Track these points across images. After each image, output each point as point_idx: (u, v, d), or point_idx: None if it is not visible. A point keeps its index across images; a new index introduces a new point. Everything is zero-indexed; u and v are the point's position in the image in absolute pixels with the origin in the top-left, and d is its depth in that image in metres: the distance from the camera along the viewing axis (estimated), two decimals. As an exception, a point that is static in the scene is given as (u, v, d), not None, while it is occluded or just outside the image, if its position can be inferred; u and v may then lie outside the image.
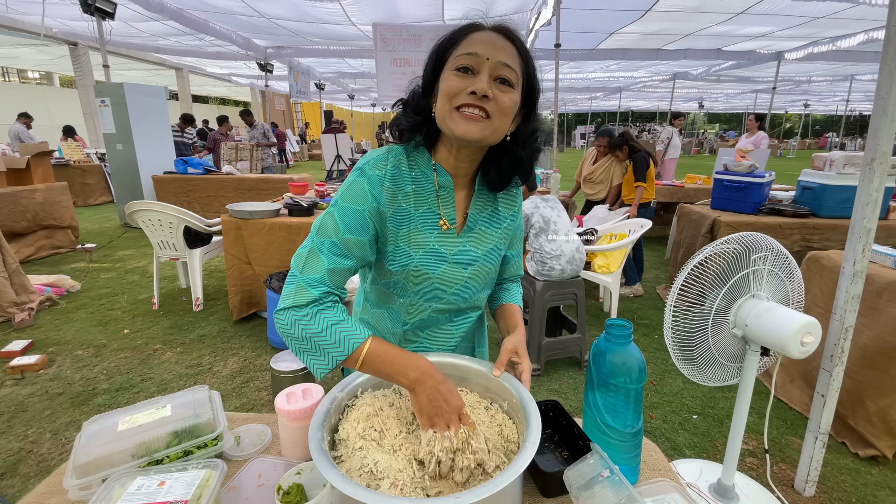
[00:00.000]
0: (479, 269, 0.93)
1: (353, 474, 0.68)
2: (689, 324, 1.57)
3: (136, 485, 0.73)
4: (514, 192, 0.99)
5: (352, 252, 0.82)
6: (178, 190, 6.39)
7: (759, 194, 3.74)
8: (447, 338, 0.99)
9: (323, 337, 0.75)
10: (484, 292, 0.99)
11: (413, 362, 0.76)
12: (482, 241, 0.93)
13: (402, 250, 0.86)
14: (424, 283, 0.89)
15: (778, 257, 1.63)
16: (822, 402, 1.83)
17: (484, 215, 0.94)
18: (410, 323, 0.94)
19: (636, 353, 0.84)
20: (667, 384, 2.75)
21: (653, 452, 0.95)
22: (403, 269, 0.87)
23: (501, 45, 0.77)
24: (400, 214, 0.86)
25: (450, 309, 0.95)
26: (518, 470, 0.63)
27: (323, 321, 0.76)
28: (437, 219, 0.88)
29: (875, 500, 1.90)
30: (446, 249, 0.89)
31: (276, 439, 0.97)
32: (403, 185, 0.85)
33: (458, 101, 0.76)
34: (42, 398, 2.47)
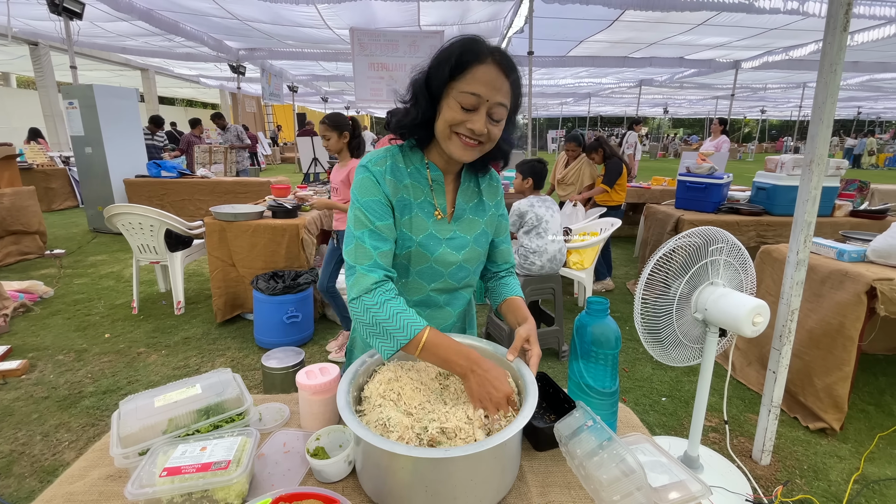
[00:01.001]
0: (470, 251, 1.08)
1: (371, 425, 0.80)
2: (656, 309, 1.74)
3: (181, 450, 0.82)
4: (495, 186, 1.15)
5: (387, 235, 0.97)
6: (151, 194, 6.27)
7: (718, 194, 4.02)
8: (446, 317, 1.13)
9: (390, 323, 0.88)
10: (475, 273, 1.13)
11: (464, 352, 0.88)
12: (471, 228, 1.08)
13: (405, 234, 1.01)
14: (424, 264, 1.03)
15: (733, 249, 1.82)
16: (773, 378, 2.04)
17: (471, 205, 1.09)
18: (411, 301, 1.08)
19: (612, 324, 0.98)
20: (638, 371, 2.95)
21: (627, 413, 1.10)
22: (406, 251, 1.02)
23: (500, 85, 0.89)
24: (402, 203, 1.01)
25: (446, 288, 1.09)
26: (515, 429, 0.76)
27: (390, 309, 0.89)
28: (433, 209, 1.04)
29: (825, 466, 2.12)
30: (441, 234, 1.04)
31: (294, 416, 1.07)
32: (402, 179, 1.00)
33: (457, 129, 0.92)
34: (28, 402, 2.45)
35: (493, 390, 0.84)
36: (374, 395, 0.86)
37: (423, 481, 0.74)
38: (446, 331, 1.13)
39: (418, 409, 0.86)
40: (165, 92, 20.15)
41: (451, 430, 0.79)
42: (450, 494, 0.74)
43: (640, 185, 5.91)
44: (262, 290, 3.00)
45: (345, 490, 0.84)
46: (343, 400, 0.80)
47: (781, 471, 2.10)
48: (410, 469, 0.74)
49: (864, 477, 2.05)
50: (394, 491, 0.76)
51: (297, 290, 3.06)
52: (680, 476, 0.81)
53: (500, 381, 0.85)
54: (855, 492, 1.96)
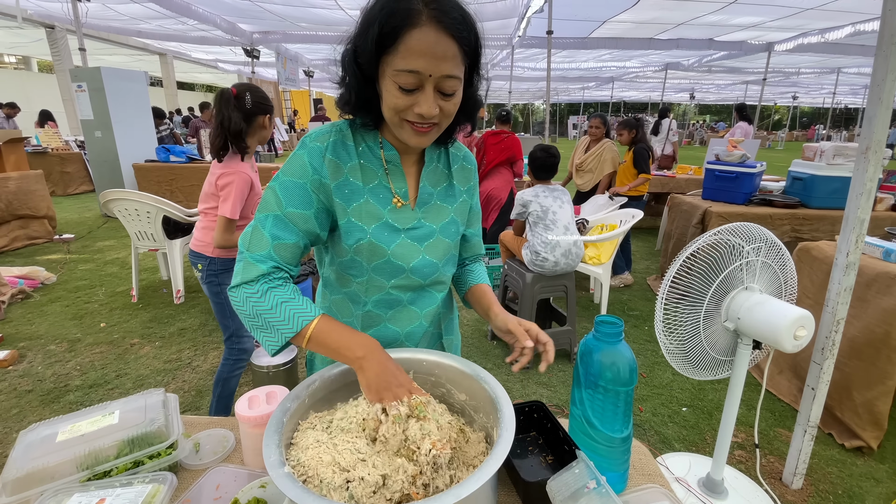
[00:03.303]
0: (435, 242, 0.89)
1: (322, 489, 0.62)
2: (680, 317, 1.52)
3: (75, 501, 0.65)
4: (469, 168, 0.96)
5: (297, 225, 0.81)
6: (161, 179, 6.22)
7: (749, 185, 3.71)
8: (411, 318, 0.93)
9: (273, 314, 0.76)
10: (446, 268, 0.94)
11: (360, 339, 0.77)
12: (438, 216, 0.90)
13: (355, 224, 0.83)
14: (380, 259, 0.85)
15: (772, 248, 1.58)
16: (811, 396, 1.81)
17: (439, 190, 0.91)
18: (370, 302, 0.90)
19: (627, 353, 0.78)
20: (656, 376, 2.72)
21: (642, 455, 0.89)
22: (357, 244, 0.84)
23: (443, 52, 0.69)
24: (347, 188, 0.83)
25: (411, 286, 0.90)
26: (486, 475, 0.57)
27: (273, 299, 0.77)
28: (390, 195, 0.86)
29: (860, 490, 1.90)
30: (400, 224, 0.86)
31: (240, 445, 0.90)
32: (348, 159, 0.83)
33: (404, 115, 0.74)
34: (10, 396, 2.37)
35: (392, 379, 0.73)
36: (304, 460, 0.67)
37: None
38: (416, 336, 0.95)
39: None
40: (184, 77, 20.24)
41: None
42: None
43: (663, 174, 5.58)
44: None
45: (277, 558, 0.67)
46: (273, 456, 0.61)
47: (814, 495, 1.88)
48: None
49: (909, 506, 1.81)
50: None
51: (297, 281, 2.91)
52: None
53: (400, 372, 0.75)
54: (899, 523, 1.73)
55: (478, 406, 0.80)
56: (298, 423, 0.74)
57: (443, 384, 0.85)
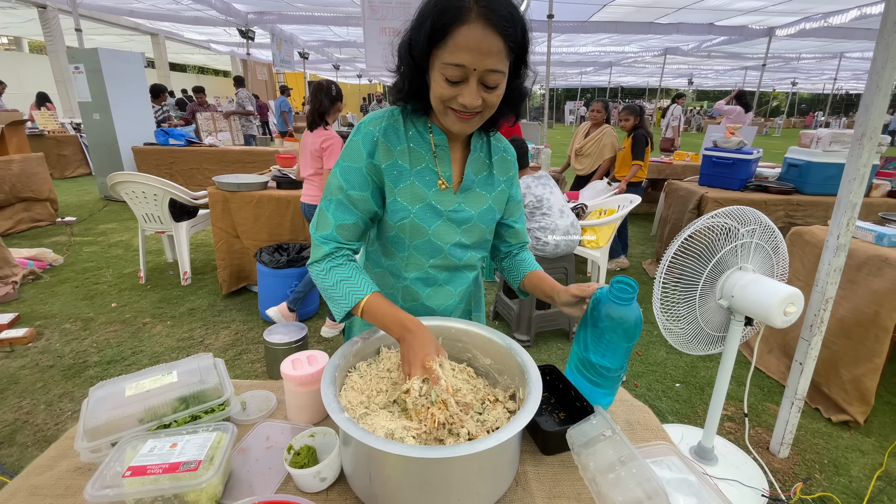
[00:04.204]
0: (472, 227, 0.97)
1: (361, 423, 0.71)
2: (677, 296, 1.61)
3: (149, 447, 0.74)
4: (508, 160, 1.02)
5: (357, 207, 0.89)
6: (160, 162, 6.21)
7: (746, 171, 3.79)
8: (446, 297, 1.02)
9: (334, 290, 0.87)
10: (478, 252, 1.02)
11: (402, 318, 0.84)
12: (477, 202, 0.97)
13: (400, 204, 0.91)
14: (421, 238, 0.93)
15: (766, 231, 1.67)
16: (799, 370, 1.92)
17: (480, 178, 0.97)
18: (409, 278, 0.99)
19: (636, 312, 0.85)
20: (651, 354, 2.84)
21: (645, 413, 0.99)
22: (401, 223, 0.92)
23: (488, 47, 0.74)
24: (396, 169, 0.90)
25: (447, 266, 0.98)
26: (515, 429, 0.66)
27: (334, 276, 0.88)
28: (436, 178, 0.93)
29: (846, 461, 2.02)
30: (442, 206, 0.93)
31: (282, 405, 0.99)
32: (398, 142, 0.90)
33: (449, 104, 0.81)
34: (33, 370, 2.45)
35: (411, 356, 0.80)
36: (354, 405, 0.78)
37: (416, 479, 0.66)
38: (449, 311, 1.04)
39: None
40: (176, 58, 19.89)
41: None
42: (443, 492, 0.66)
43: (661, 160, 5.65)
44: (265, 262, 2.93)
45: (329, 495, 0.76)
46: (330, 397, 0.70)
47: (800, 464, 2.01)
48: (402, 468, 0.66)
49: (888, 474, 1.94)
50: (386, 492, 0.68)
51: (301, 264, 2.98)
52: (711, 501, 0.71)
53: (420, 346, 0.81)
54: (878, 489, 1.86)
55: (502, 370, 0.89)
56: (348, 372, 0.85)
57: (469, 350, 0.94)
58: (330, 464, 0.75)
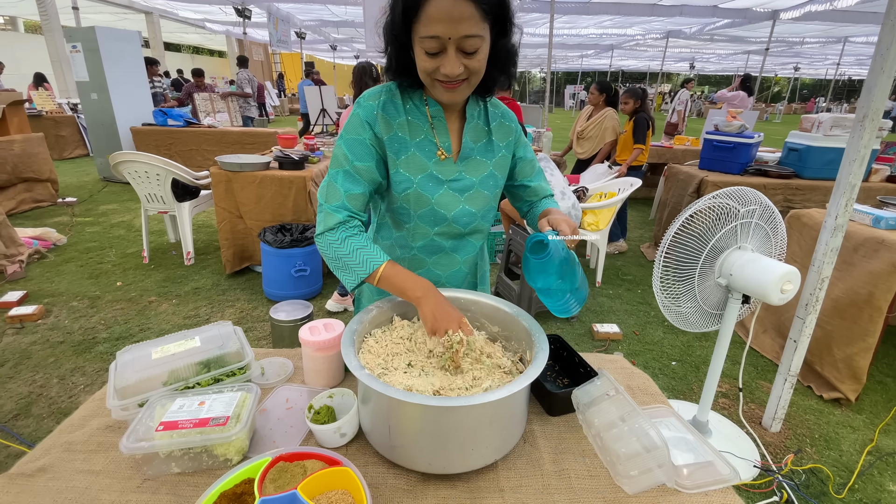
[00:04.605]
0: (475, 194, 1.00)
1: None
2: (677, 272, 1.66)
3: (178, 404, 0.78)
4: (506, 125, 1.04)
5: (363, 177, 0.92)
6: (159, 143, 6.17)
7: (746, 155, 3.81)
8: (452, 264, 1.06)
9: (350, 258, 0.89)
10: (484, 219, 1.05)
11: (419, 282, 0.88)
12: (477, 169, 1.00)
13: (402, 175, 0.95)
14: (424, 207, 0.97)
15: (765, 212, 1.71)
16: (793, 347, 1.98)
17: (479, 146, 1.00)
18: (415, 247, 1.02)
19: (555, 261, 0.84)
20: (648, 334, 2.90)
21: (645, 380, 1.04)
22: (405, 193, 0.95)
23: (459, 14, 0.75)
24: (397, 142, 0.93)
25: (452, 233, 1.02)
26: (526, 381, 0.70)
27: (350, 245, 0.89)
28: (435, 148, 0.96)
29: (836, 436, 2.09)
30: (443, 176, 0.97)
31: (298, 371, 1.03)
32: (397, 115, 0.93)
33: (435, 76, 0.83)
34: (44, 346, 2.50)
35: (441, 314, 0.84)
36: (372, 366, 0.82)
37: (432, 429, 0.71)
38: (455, 279, 1.09)
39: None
40: (170, 38, 19.55)
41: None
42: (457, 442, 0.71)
43: (661, 145, 5.65)
44: (269, 242, 2.96)
45: (348, 450, 0.81)
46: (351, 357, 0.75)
47: (791, 438, 2.08)
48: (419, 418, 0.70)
49: (878, 449, 2.02)
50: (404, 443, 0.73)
51: (304, 243, 3.01)
52: (707, 457, 0.76)
53: (450, 307, 0.86)
54: (868, 463, 1.94)
55: (510, 336, 0.94)
56: (364, 338, 0.89)
57: (478, 318, 0.98)
58: (350, 420, 0.79)
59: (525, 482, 0.75)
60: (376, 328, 0.92)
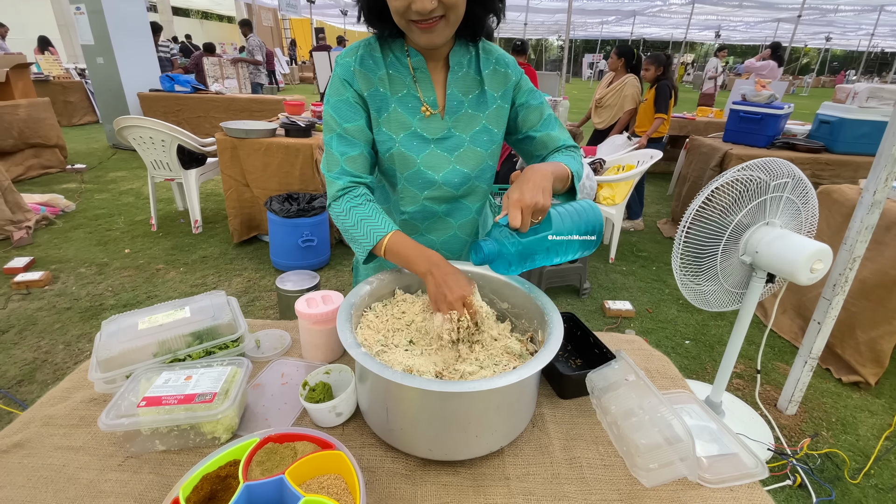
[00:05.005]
0: (466, 152, 0.91)
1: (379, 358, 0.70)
2: (698, 249, 1.56)
3: (163, 378, 0.73)
4: (501, 72, 0.92)
5: (356, 138, 0.86)
6: (167, 109, 6.08)
7: (774, 127, 3.61)
8: (446, 229, 0.99)
9: (355, 230, 0.84)
10: (480, 179, 0.95)
11: (425, 255, 0.81)
12: (468, 124, 0.91)
13: (385, 134, 0.88)
14: (410, 169, 0.90)
15: (797, 185, 1.59)
16: (816, 329, 1.89)
17: (470, 98, 0.90)
18: (407, 213, 0.95)
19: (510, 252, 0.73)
20: (662, 312, 2.83)
21: (664, 363, 0.97)
22: (388, 153, 0.89)
23: None
24: (378, 98, 0.86)
25: (443, 197, 0.94)
26: (537, 366, 0.63)
27: (355, 216, 0.84)
28: (418, 104, 0.88)
29: (854, 420, 2.02)
30: (429, 134, 0.89)
31: (296, 344, 0.98)
32: (376, 69, 0.86)
33: (408, 16, 0.75)
34: (50, 312, 2.50)
35: (447, 291, 0.76)
36: (371, 342, 0.76)
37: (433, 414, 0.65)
38: (452, 245, 1.01)
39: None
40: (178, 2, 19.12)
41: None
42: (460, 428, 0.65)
43: (682, 116, 5.41)
44: (275, 211, 2.91)
45: (345, 430, 0.76)
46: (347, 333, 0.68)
47: (807, 422, 2.02)
48: (419, 402, 0.65)
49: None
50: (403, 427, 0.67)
51: (311, 213, 2.95)
52: (732, 448, 0.69)
53: (456, 283, 0.77)
54: (885, 448, 1.87)
55: (520, 313, 0.87)
56: (363, 312, 0.83)
57: (486, 295, 0.91)
58: (346, 399, 0.74)
59: (533, 470, 0.69)
60: (377, 301, 0.86)
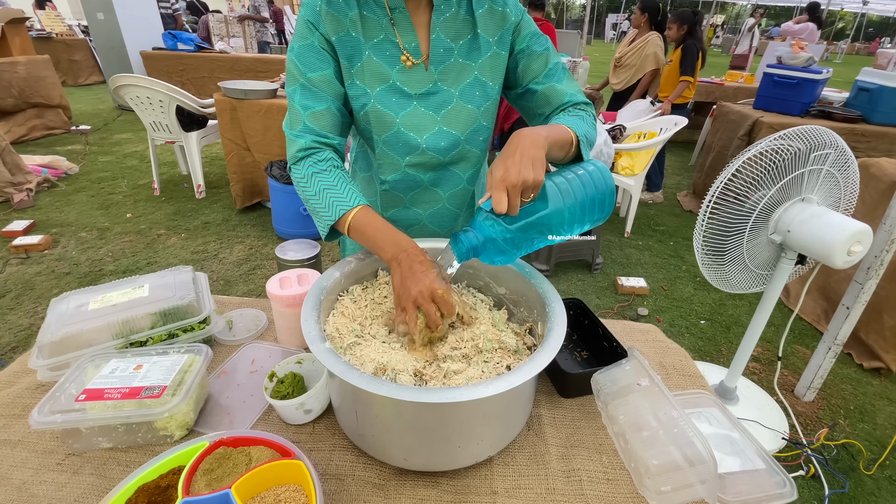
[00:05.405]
0: (454, 110, 0.77)
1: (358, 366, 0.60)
2: (723, 226, 1.43)
3: (111, 367, 0.65)
4: (499, 11, 0.77)
5: (322, 90, 0.73)
6: (170, 69, 5.91)
7: (810, 93, 3.34)
8: (434, 200, 0.86)
9: (317, 201, 0.72)
10: (471, 142, 0.81)
11: (393, 238, 0.69)
12: (457, 76, 0.76)
13: (358, 88, 0.74)
14: (388, 130, 0.76)
15: (840, 157, 1.43)
16: (845, 314, 1.76)
17: (460, 44, 0.76)
18: (387, 182, 0.83)
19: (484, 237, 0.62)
20: (677, 290, 2.70)
21: (681, 357, 0.86)
22: (363, 111, 0.76)
23: None
24: (349, 44, 0.73)
25: (429, 164, 0.81)
26: (531, 372, 0.53)
27: (316, 185, 0.72)
28: (398, 52, 0.74)
29: (873, 408, 1.93)
30: (411, 88, 0.75)
31: (273, 326, 0.90)
32: (347, 9, 0.72)
33: None
34: (49, 277, 2.47)
35: (411, 283, 0.63)
36: (343, 332, 0.66)
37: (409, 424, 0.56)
38: (441, 219, 0.87)
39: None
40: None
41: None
42: (440, 439, 0.56)
43: (710, 81, 5.08)
44: (276, 178, 2.80)
45: (315, 429, 0.67)
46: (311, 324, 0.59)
47: (825, 409, 1.92)
48: (392, 409, 0.55)
49: (918, 425, 1.85)
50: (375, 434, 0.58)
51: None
52: (756, 463, 0.59)
53: (424, 274, 0.64)
54: (904, 439, 1.77)
55: (518, 300, 0.76)
56: (339, 296, 0.73)
57: (482, 277, 0.80)
58: (316, 395, 0.65)
59: (524, 483, 0.60)
60: (356, 284, 0.76)
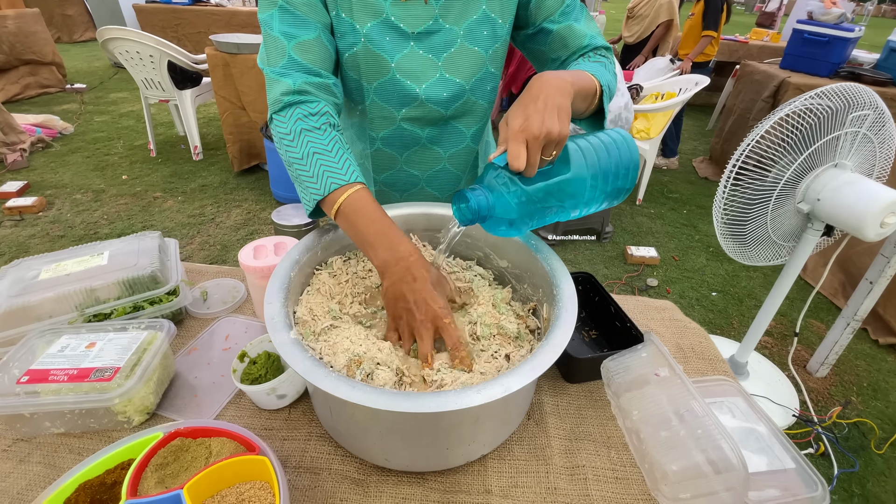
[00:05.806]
0: (458, 53, 0.65)
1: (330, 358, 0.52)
2: (746, 193, 1.31)
3: (60, 344, 0.58)
4: None
5: (307, 14, 0.59)
6: (165, 24, 5.66)
7: (841, 52, 3.11)
8: (433, 160, 0.74)
9: (303, 166, 0.57)
10: (477, 92, 0.69)
11: (392, 237, 0.55)
12: (463, 12, 0.64)
13: (345, 22, 0.61)
14: (382, 76, 0.64)
15: (879, 119, 1.30)
16: (867, 289, 1.67)
17: None
18: (379, 139, 0.71)
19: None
20: (689, 260, 2.60)
21: (702, 339, 0.78)
22: (351, 53, 0.63)
23: None
24: None
25: (428, 118, 0.69)
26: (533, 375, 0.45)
27: (305, 146, 0.58)
28: None
29: (886, 385, 1.87)
30: (407, 25, 0.62)
31: (251, 298, 0.82)
32: None
33: None
34: (43, 240, 2.42)
35: (415, 308, 0.51)
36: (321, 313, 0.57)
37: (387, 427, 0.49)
38: (441, 181, 0.76)
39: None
40: None
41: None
42: (426, 442, 0.49)
43: (734, 39, 4.77)
44: (272, 138, 2.68)
45: (291, 414, 0.61)
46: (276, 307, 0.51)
47: (837, 385, 1.86)
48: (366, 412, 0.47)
49: (934, 403, 1.78)
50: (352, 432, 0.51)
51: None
52: (785, 462, 0.52)
53: (426, 294, 0.52)
54: (918, 418, 1.72)
55: (521, 275, 0.67)
56: (315, 269, 0.64)
57: (481, 247, 0.71)
58: (289, 379, 0.58)
59: (522, 481, 0.54)
60: (336, 255, 0.67)
